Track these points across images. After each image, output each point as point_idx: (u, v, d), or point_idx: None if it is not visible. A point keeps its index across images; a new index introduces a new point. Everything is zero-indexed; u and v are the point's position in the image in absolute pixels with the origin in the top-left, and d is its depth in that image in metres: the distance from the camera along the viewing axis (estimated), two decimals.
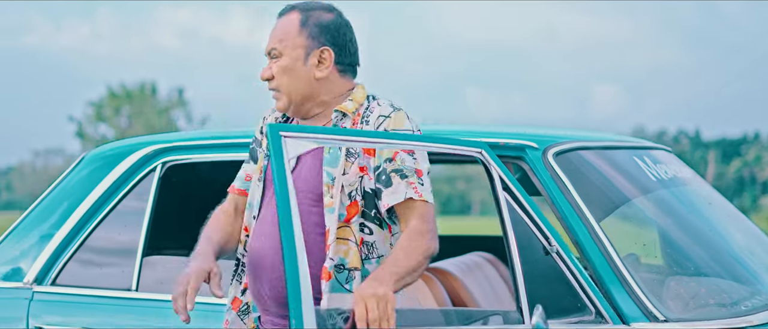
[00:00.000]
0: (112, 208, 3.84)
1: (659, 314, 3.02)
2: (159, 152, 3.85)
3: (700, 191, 3.86)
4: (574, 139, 3.46)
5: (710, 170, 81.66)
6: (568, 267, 3.00)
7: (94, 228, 3.84)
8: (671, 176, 3.73)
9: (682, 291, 3.24)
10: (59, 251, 3.84)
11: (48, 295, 3.79)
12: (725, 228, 3.73)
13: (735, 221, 3.88)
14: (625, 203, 3.40)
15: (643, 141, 3.96)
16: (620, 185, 3.44)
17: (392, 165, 2.87)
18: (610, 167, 3.49)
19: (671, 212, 3.59)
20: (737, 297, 3.26)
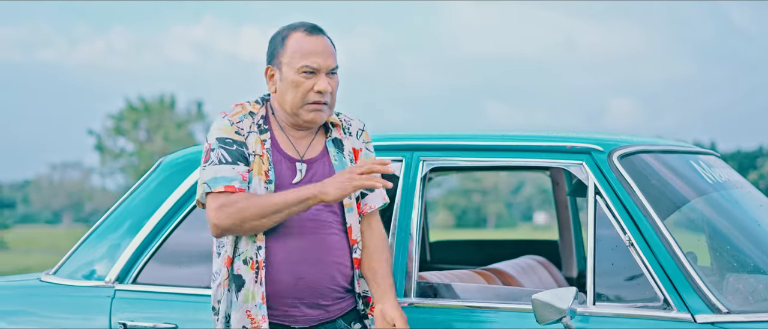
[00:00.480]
0: (190, 211, 4.02)
1: (722, 306, 3.20)
2: None
3: (751, 195, 4.03)
4: (636, 143, 3.64)
5: None
6: (641, 259, 3.25)
7: (173, 230, 4.02)
8: (725, 179, 3.90)
9: (740, 286, 3.41)
10: (140, 251, 4.02)
11: (129, 293, 3.97)
12: None
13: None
14: (686, 204, 3.58)
15: (695, 147, 4.14)
16: (680, 187, 3.62)
17: None
18: (670, 169, 3.67)
19: (727, 213, 3.76)
20: None
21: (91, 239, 4.19)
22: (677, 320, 3.22)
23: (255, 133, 3.30)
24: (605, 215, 3.43)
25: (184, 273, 4.01)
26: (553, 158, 3.60)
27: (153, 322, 3.84)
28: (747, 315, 3.19)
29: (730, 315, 3.18)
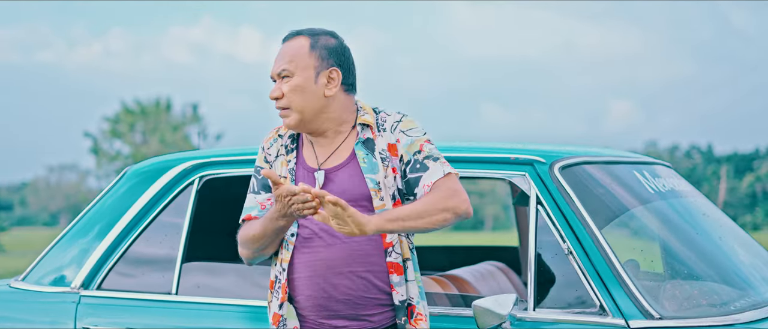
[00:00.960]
0: (154, 219, 4.16)
1: (655, 312, 3.33)
2: (196, 167, 4.17)
3: (696, 203, 4.16)
4: (579, 154, 3.78)
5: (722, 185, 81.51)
6: (579, 266, 3.41)
7: (137, 237, 4.16)
8: (669, 188, 4.04)
9: (677, 293, 3.54)
10: (104, 258, 4.16)
11: (94, 299, 4.10)
12: (719, 237, 4.03)
13: (728, 231, 4.18)
14: (625, 213, 3.71)
15: (644, 157, 4.27)
16: (620, 196, 3.75)
17: (422, 154, 3.25)
18: (612, 179, 3.80)
19: (668, 221, 3.90)
20: (727, 299, 3.57)
21: (60, 246, 4.32)
22: (612, 325, 3.35)
23: (282, 155, 3.37)
24: (546, 224, 3.57)
25: (147, 279, 4.13)
26: (497, 169, 3.73)
27: (115, 327, 3.96)
28: (679, 321, 3.32)
29: (662, 321, 3.31)
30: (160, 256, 4.13)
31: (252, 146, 4.29)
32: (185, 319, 3.94)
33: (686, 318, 3.34)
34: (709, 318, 3.35)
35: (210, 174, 4.16)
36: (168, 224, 4.14)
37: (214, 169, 4.15)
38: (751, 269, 3.94)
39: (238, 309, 3.92)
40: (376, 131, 3.32)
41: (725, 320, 3.34)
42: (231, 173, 4.15)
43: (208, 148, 4.86)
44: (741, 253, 4.03)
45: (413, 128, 3.33)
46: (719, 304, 3.52)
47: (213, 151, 4.26)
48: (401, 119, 3.34)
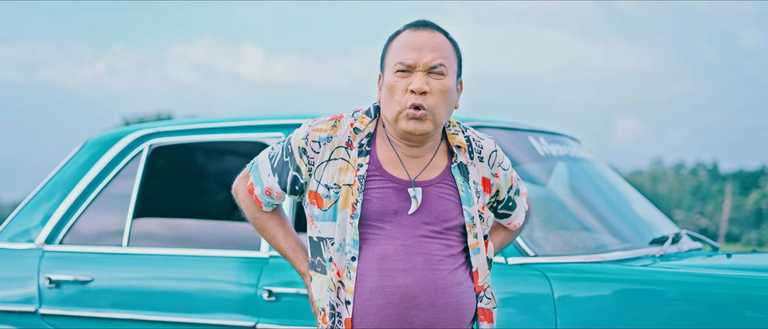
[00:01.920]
0: (109, 182, 4.69)
1: (530, 251, 3.84)
2: (146, 136, 4.70)
3: (589, 168, 4.70)
4: (474, 119, 4.29)
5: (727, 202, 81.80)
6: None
7: (94, 199, 4.69)
8: (562, 153, 4.57)
9: (556, 237, 4.06)
10: (65, 218, 4.69)
11: (55, 253, 4.63)
12: (606, 194, 4.58)
13: (618, 191, 4.72)
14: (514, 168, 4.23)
15: (547, 127, 4.78)
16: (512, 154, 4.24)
17: (513, 190, 3.04)
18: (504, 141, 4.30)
19: (556, 178, 4.43)
20: (602, 243, 4.10)
21: (26, 208, 4.85)
22: (495, 263, 3.85)
23: (343, 159, 2.79)
24: None
25: (103, 234, 4.66)
26: None
27: (74, 276, 4.48)
28: (551, 258, 3.83)
29: (536, 258, 3.82)
30: (114, 214, 4.66)
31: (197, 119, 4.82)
32: (134, 268, 4.46)
33: (558, 256, 3.85)
34: (579, 256, 3.86)
35: (158, 142, 4.68)
36: (120, 187, 4.67)
37: (162, 137, 4.67)
38: (633, 222, 4.47)
39: (180, 258, 4.43)
40: (468, 157, 2.87)
41: (593, 258, 3.84)
42: (176, 140, 4.67)
43: None
44: (625, 209, 4.56)
45: (504, 158, 2.98)
46: (594, 247, 4.04)
47: (160, 122, 4.79)
48: (496, 149, 2.94)
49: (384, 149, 2.82)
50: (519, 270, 3.77)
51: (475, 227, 2.82)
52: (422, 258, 2.74)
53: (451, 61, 2.79)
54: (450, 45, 2.81)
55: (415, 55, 2.74)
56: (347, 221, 2.75)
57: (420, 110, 2.72)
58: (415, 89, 2.70)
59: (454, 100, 2.82)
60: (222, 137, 4.60)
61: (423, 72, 2.74)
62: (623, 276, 3.72)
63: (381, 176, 2.78)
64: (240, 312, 4.07)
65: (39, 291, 4.52)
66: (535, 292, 3.70)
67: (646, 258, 3.96)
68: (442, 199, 2.79)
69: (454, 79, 2.81)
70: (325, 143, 2.81)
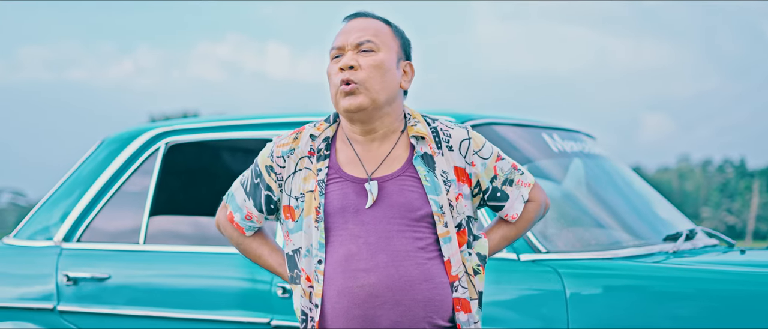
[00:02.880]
0: (125, 180, 4.73)
1: (542, 247, 3.85)
2: (162, 135, 4.73)
3: (602, 163, 4.70)
4: (488, 116, 4.30)
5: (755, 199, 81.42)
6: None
7: (112, 196, 4.73)
8: (577, 150, 4.57)
9: (569, 233, 4.06)
10: (83, 215, 4.73)
11: (73, 250, 4.67)
12: (620, 190, 4.58)
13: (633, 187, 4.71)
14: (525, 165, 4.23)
15: (561, 123, 4.79)
16: (522, 151, 4.27)
17: (499, 180, 2.90)
18: (517, 137, 4.32)
19: (570, 175, 4.43)
20: (616, 239, 4.10)
21: (45, 206, 4.90)
22: (506, 259, 3.86)
23: (307, 168, 2.82)
24: None
25: (119, 231, 4.71)
26: None
27: (91, 273, 4.52)
28: (563, 254, 3.83)
29: (548, 254, 3.83)
30: (130, 212, 4.70)
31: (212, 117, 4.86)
32: (151, 265, 4.50)
33: (570, 252, 3.85)
34: (591, 252, 3.86)
35: (174, 140, 4.71)
36: (137, 184, 4.71)
37: (178, 135, 4.71)
38: (647, 218, 4.47)
39: (195, 255, 4.46)
40: (434, 146, 2.83)
41: (605, 254, 3.85)
42: (192, 138, 4.71)
43: None
44: (639, 205, 4.56)
45: (483, 146, 2.89)
46: (606, 243, 4.04)
47: (177, 120, 4.83)
48: (469, 135, 2.88)
49: (343, 150, 2.85)
50: (531, 266, 3.78)
51: (444, 215, 2.75)
52: (386, 256, 2.71)
53: (382, 38, 2.82)
54: (385, 27, 2.86)
55: (343, 38, 2.82)
56: (312, 226, 2.77)
57: (350, 84, 2.75)
58: (343, 65, 2.77)
59: (393, 77, 2.82)
60: (238, 135, 4.63)
61: (353, 51, 2.79)
62: (635, 272, 3.72)
63: (340, 177, 2.79)
64: (255, 309, 4.10)
65: (57, 289, 4.57)
66: (546, 289, 3.70)
67: (659, 255, 3.96)
68: (405, 191, 2.76)
69: (392, 57, 2.83)
70: (289, 155, 2.85)
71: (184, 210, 5.32)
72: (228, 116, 4.76)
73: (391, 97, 2.80)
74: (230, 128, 4.64)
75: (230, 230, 3.02)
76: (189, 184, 5.49)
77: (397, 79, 2.82)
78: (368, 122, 2.80)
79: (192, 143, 4.77)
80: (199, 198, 5.49)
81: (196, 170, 5.47)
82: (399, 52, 2.85)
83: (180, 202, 5.27)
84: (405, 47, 2.89)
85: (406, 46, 2.90)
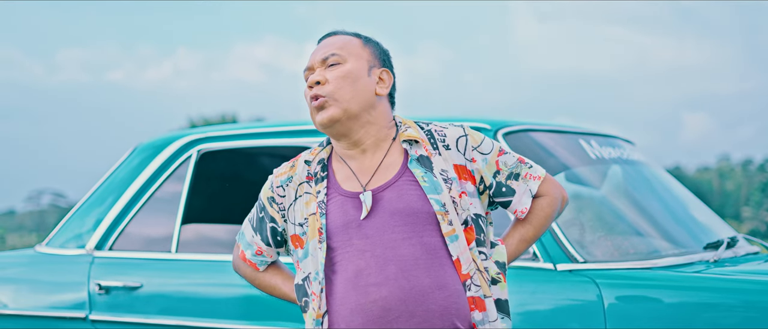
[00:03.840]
0: (157, 188, 4.69)
1: (579, 257, 3.77)
2: (194, 142, 4.69)
3: (641, 169, 4.60)
4: (523, 123, 4.22)
5: None
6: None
7: (144, 204, 4.69)
8: (615, 156, 4.48)
9: (607, 241, 3.98)
10: (115, 223, 4.70)
11: (105, 259, 4.64)
12: (659, 197, 4.48)
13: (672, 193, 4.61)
14: (562, 172, 4.15)
15: (600, 129, 4.70)
16: (561, 157, 4.19)
17: (503, 175, 2.84)
18: (554, 144, 4.24)
19: (608, 182, 4.34)
20: (655, 248, 4.00)
21: (78, 213, 4.87)
22: (543, 269, 3.78)
23: (307, 193, 2.80)
24: None
25: (151, 240, 4.67)
26: None
27: (123, 282, 4.48)
28: (601, 264, 3.75)
29: (585, 264, 3.75)
30: (162, 220, 4.66)
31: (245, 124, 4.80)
32: (183, 274, 4.46)
33: (608, 262, 3.77)
34: (629, 261, 3.78)
35: (206, 148, 4.67)
36: (169, 192, 4.67)
37: (210, 143, 4.66)
38: (687, 226, 4.37)
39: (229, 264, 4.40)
40: (430, 147, 2.78)
41: (644, 263, 3.76)
42: (224, 145, 4.66)
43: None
44: (679, 212, 4.46)
45: (482, 141, 2.84)
46: (646, 252, 3.95)
47: (209, 127, 4.79)
48: (466, 132, 2.83)
49: (339, 169, 2.82)
50: (568, 276, 3.71)
51: (447, 214, 2.69)
52: (395, 266, 2.65)
53: (349, 49, 2.82)
54: (353, 39, 2.87)
55: (311, 58, 2.85)
56: (317, 248, 2.74)
57: (318, 98, 2.76)
58: (310, 82, 2.79)
59: (365, 84, 2.80)
60: (270, 142, 4.58)
61: (321, 67, 2.81)
62: (675, 283, 3.63)
63: (338, 195, 2.76)
64: (289, 320, 4.04)
65: (89, 297, 4.54)
66: (584, 299, 3.62)
67: (699, 264, 3.86)
68: (403, 196, 2.71)
69: (361, 66, 2.81)
70: (288, 184, 2.85)
71: (217, 218, 5.28)
72: (260, 123, 4.72)
73: (365, 105, 2.78)
74: (263, 135, 4.60)
75: (244, 268, 3.03)
76: (221, 192, 5.45)
77: (370, 87, 2.80)
78: (349, 134, 2.79)
79: (224, 151, 4.73)
80: (231, 206, 5.45)
81: (228, 178, 5.43)
82: (371, 60, 2.84)
83: (212, 210, 5.23)
84: (380, 56, 2.88)
85: (382, 55, 2.89)
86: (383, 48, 2.91)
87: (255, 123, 4.74)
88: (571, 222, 3.96)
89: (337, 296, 2.70)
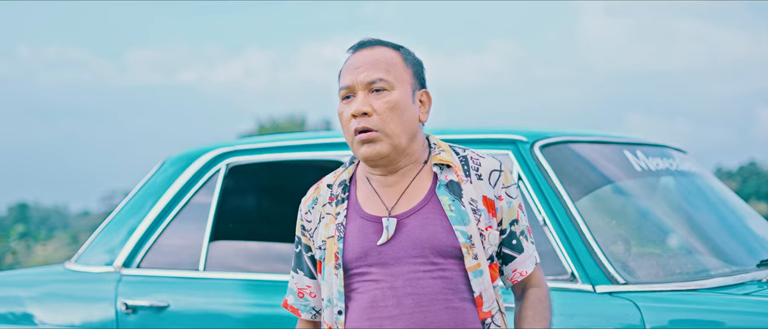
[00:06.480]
0: (185, 203, 4.53)
1: (620, 278, 3.54)
2: (223, 155, 4.53)
3: (692, 181, 4.34)
4: (562, 134, 4.00)
5: None
6: (553, 236, 3.67)
7: (171, 220, 4.54)
8: (663, 167, 4.22)
9: (652, 260, 3.74)
10: (142, 240, 4.55)
11: (132, 277, 4.49)
12: (712, 210, 4.22)
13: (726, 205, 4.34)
14: (603, 187, 3.92)
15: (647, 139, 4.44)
16: (603, 170, 3.96)
17: (519, 227, 2.66)
18: (595, 157, 4.01)
19: (655, 195, 4.09)
20: (703, 268, 3.76)
21: (106, 229, 4.73)
22: (581, 291, 3.57)
23: (329, 214, 2.63)
24: (525, 199, 3.81)
25: (178, 258, 4.51)
26: (483, 148, 3.98)
27: (150, 302, 4.34)
28: (643, 285, 3.52)
29: (626, 286, 3.52)
30: (190, 237, 4.50)
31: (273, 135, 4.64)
32: (210, 293, 4.30)
33: (650, 283, 3.54)
34: (673, 283, 3.54)
35: (235, 161, 4.50)
36: (197, 207, 4.51)
37: (239, 156, 4.50)
38: (741, 241, 4.11)
39: (258, 283, 4.25)
40: (461, 174, 2.59)
41: (689, 285, 3.52)
42: (253, 159, 4.50)
43: None
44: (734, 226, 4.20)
45: (512, 184, 2.65)
46: (692, 272, 3.71)
47: (238, 140, 4.62)
48: (501, 168, 2.64)
49: (362, 188, 2.64)
50: (607, 299, 3.48)
51: (473, 247, 2.50)
52: (412, 300, 2.48)
53: (396, 72, 2.58)
54: (395, 55, 2.61)
55: (351, 76, 2.57)
56: (333, 274, 2.57)
57: (367, 132, 2.53)
58: (355, 111, 2.54)
59: (411, 113, 2.58)
60: (300, 155, 4.41)
61: (364, 91, 2.56)
62: (722, 307, 3.39)
63: (359, 217, 2.58)
64: None
65: (117, 317, 4.39)
66: (624, 324, 3.39)
67: (750, 284, 3.61)
68: (428, 225, 2.52)
69: (406, 92, 2.58)
70: (313, 207, 2.70)
71: (246, 235, 5.10)
72: (290, 135, 4.54)
73: (411, 135, 2.59)
74: (292, 148, 4.42)
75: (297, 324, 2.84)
76: (251, 207, 5.28)
77: (415, 115, 2.60)
78: (391, 164, 2.59)
79: (254, 164, 4.56)
80: (261, 223, 5.28)
81: (257, 193, 5.26)
82: (413, 82, 2.62)
83: (241, 227, 5.06)
84: (418, 74, 2.65)
85: (420, 72, 2.66)
86: (419, 61, 2.69)
87: (285, 135, 4.57)
88: (613, 240, 3.74)
89: (350, 325, 2.55)
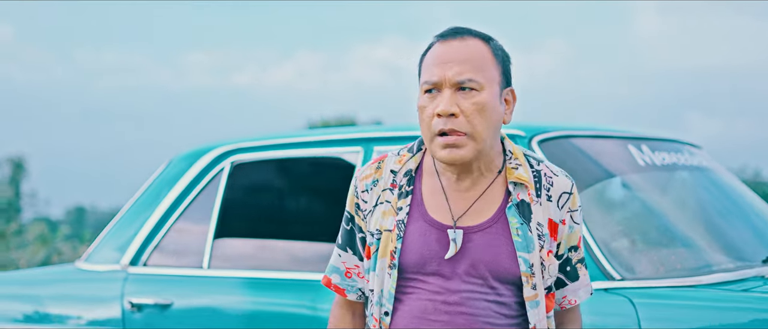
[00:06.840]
0: (191, 201, 4.53)
1: (616, 274, 3.47)
2: (227, 153, 4.52)
3: (702, 175, 4.24)
4: (561, 128, 3.93)
5: None
6: None
7: (177, 218, 4.54)
8: (670, 162, 4.14)
9: (652, 258, 3.66)
10: (149, 238, 4.55)
11: (138, 275, 4.50)
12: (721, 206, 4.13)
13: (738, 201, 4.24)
14: (603, 181, 3.84)
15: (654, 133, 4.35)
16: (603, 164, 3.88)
17: (577, 254, 2.54)
18: (597, 150, 3.93)
19: (657, 190, 4.01)
20: (704, 263, 3.67)
21: (115, 228, 4.74)
22: None
23: (388, 202, 2.46)
24: None
25: (183, 256, 4.51)
26: None
27: (155, 300, 4.33)
28: (640, 281, 3.44)
29: (623, 281, 3.45)
30: (194, 235, 4.50)
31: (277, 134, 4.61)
32: (214, 291, 4.29)
33: (649, 279, 3.46)
34: (672, 278, 3.46)
35: (239, 159, 4.49)
36: (202, 205, 4.50)
37: (243, 154, 4.48)
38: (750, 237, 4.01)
39: (263, 280, 4.23)
40: (533, 193, 2.44)
41: (687, 281, 3.43)
42: (257, 157, 4.48)
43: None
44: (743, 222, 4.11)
45: (578, 208, 2.51)
46: (693, 267, 3.62)
47: (242, 138, 4.60)
48: (571, 190, 2.49)
49: (429, 184, 2.47)
50: (602, 296, 3.41)
51: (533, 276, 2.38)
52: (464, 320, 2.37)
53: (487, 71, 2.38)
54: (486, 50, 2.41)
55: (439, 71, 2.37)
56: (385, 272, 2.42)
57: (451, 135, 2.35)
58: (441, 111, 2.34)
59: (498, 115, 2.40)
60: (303, 152, 4.38)
61: (451, 89, 2.36)
62: (720, 303, 3.31)
63: (423, 220, 2.43)
64: None
65: (123, 315, 4.40)
66: (619, 324, 3.32)
67: (753, 280, 3.52)
68: (492, 247, 2.38)
69: (495, 92, 2.39)
70: (372, 188, 2.50)
71: (250, 233, 5.10)
72: (293, 133, 4.52)
73: (496, 137, 2.43)
74: (295, 145, 4.40)
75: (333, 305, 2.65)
76: (255, 205, 5.27)
77: (500, 116, 2.42)
78: (467, 167, 2.43)
79: (257, 162, 4.54)
80: (265, 220, 5.27)
81: (261, 191, 5.25)
82: (501, 80, 2.43)
83: (245, 224, 5.05)
84: (506, 70, 2.46)
85: (507, 67, 2.47)
86: (508, 55, 2.48)
87: (288, 133, 4.54)
88: (611, 236, 3.67)
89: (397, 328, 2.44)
